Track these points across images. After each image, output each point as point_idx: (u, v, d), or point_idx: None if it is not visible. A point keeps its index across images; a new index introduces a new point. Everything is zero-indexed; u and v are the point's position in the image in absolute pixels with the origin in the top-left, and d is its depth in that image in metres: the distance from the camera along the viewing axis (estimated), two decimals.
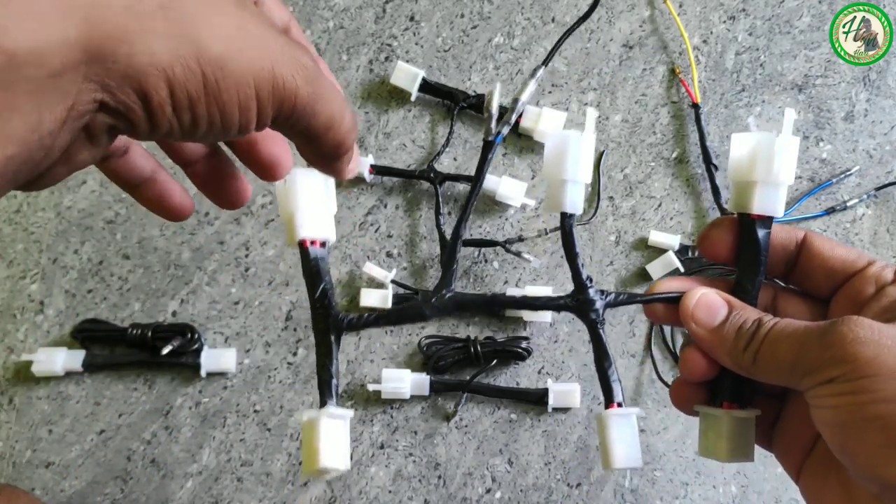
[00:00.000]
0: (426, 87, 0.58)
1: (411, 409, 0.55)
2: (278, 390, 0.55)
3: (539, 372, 0.56)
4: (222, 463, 0.54)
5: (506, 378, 0.56)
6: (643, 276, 0.57)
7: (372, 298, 0.55)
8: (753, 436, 0.34)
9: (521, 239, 0.57)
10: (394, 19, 0.60)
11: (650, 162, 0.59)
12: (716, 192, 0.57)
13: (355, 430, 0.55)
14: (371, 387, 0.54)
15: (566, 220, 0.34)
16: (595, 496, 0.55)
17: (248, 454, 0.55)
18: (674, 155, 0.59)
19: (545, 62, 0.35)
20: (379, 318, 0.34)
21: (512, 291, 0.55)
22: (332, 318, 0.34)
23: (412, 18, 0.60)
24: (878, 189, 0.58)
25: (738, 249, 0.34)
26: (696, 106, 0.58)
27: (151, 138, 0.24)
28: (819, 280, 0.33)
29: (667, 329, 0.57)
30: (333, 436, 0.31)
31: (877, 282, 0.32)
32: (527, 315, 0.55)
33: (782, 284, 0.36)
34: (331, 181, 0.35)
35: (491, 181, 0.56)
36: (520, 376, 0.56)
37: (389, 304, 0.55)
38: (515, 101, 0.35)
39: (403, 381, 0.54)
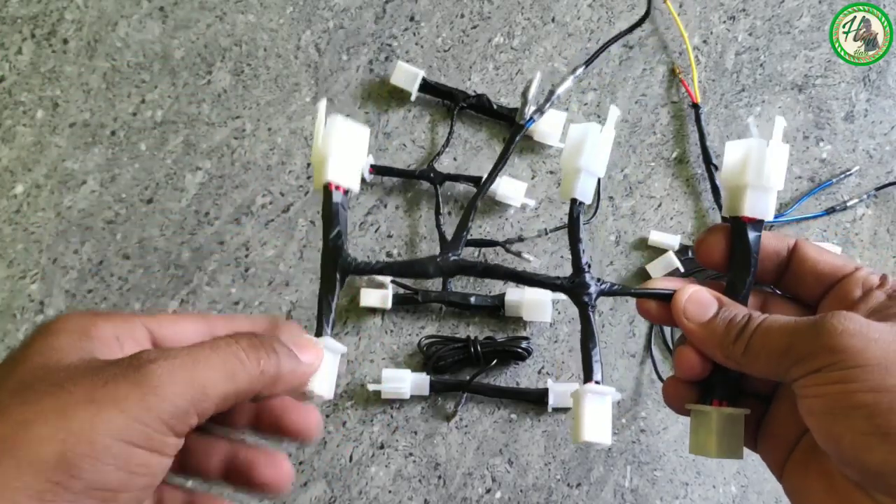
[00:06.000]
0: (426, 87, 0.58)
1: (411, 409, 0.55)
2: None
3: (539, 372, 0.56)
4: None
5: (506, 378, 0.56)
6: (643, 276, 0.57)
7: (371, 298, 0.55)
8: (743, 433, 0.35)
9: (521, 239, 0.57)
10: (394, 19, 0.60)
11: (650, 162, 0.59)
12: (716, 192, 0.57)
13: (355, 430, 0.55)
14: (371, 387, 0.54)
15: (575, 207, 0.36)
16: (595, 496, 0.55)
17: None
18: (674, 155, 0.59)
19: (587, 63, 0.37)
20: (384, 268, 0.35)
21: (512, 291, 0.55)
22: (341, 258, 0.35)
23: (412, 18, 0.60)
24: (878, 189, 0.58)
25: (730, 252, 0.35)
26: (696, 106, 0.58)
27: None
28: (808, 284, 0.35)
29: (667, 329, 0.57)
30: (325, 364, 0.32)
31: (863, 285, 0.33)
32: (526, 315, 0.55)
33: (771, 290, 0.37)
34: (365, 134, 0.36)
35: None
36: (520, 376, 0.56)
37: (389, 305, 0.55)
38: (552, 92, 0.37)
39: (403, 381, 0.54)
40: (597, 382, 0.33)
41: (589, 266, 0.36)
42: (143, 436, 0.25)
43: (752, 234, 0.34)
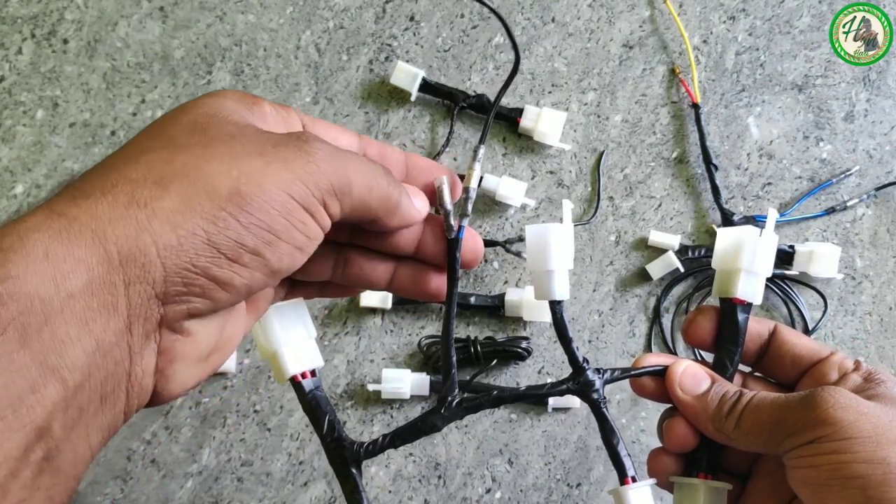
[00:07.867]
0: (426, 87, 0.58)
1: (411, 409, 0.55)
2: (278, 390, 0.55)
3: (539, 372, 0.56)
4: (222, 463, 0.54)
5: (506, 378, 0.56)
6: (643, 276, 0.57)
7: (372, 298, 0.55)
8: None
9: (521, 239, 0.57)
10: (394, 19, 0.60)
11: (650, 162, 0.59)
12: (716, 192, 0.57)
13: (355, 431, 0.55)
14: (371, 387, 0.54)
15: (556, 308, 0.35)
16: (595, 496, 0.55)
17: (248, 454, 0.55)
18: (674, 155, 0.59)
19: (481, 140, 0.35)
20: (395, 439, 0.34)
21: (512, 291, 0.55)
22: (347, 449, 0.34)
23: (412, 18, 0.60)
24: (878, 189, 0.58)
25: (719, 332, 0.37)
26: (696, 106, 0.58)
27: (252, 293, 0.27)
28: (786, 367, 0.36)
29: (667, 329, 0.57)
30: None
31: (839, 369, 0.34)
32: (526, 315, 0.55)
33: (749, 370, 0.39)
34: (303, 307, 0.35)
35: (491, 181, 0.56)
36: (520, 376, 0.56)
37: (389, 305, 0.55)
38: (467, 190, 0.34)
39: (403, 381, 0.54)
40: (632, 479, 0.34)
41: (587, 361, 0.35)
42: (303, 194, 0.26)
43: (741, 316, 0.36)
